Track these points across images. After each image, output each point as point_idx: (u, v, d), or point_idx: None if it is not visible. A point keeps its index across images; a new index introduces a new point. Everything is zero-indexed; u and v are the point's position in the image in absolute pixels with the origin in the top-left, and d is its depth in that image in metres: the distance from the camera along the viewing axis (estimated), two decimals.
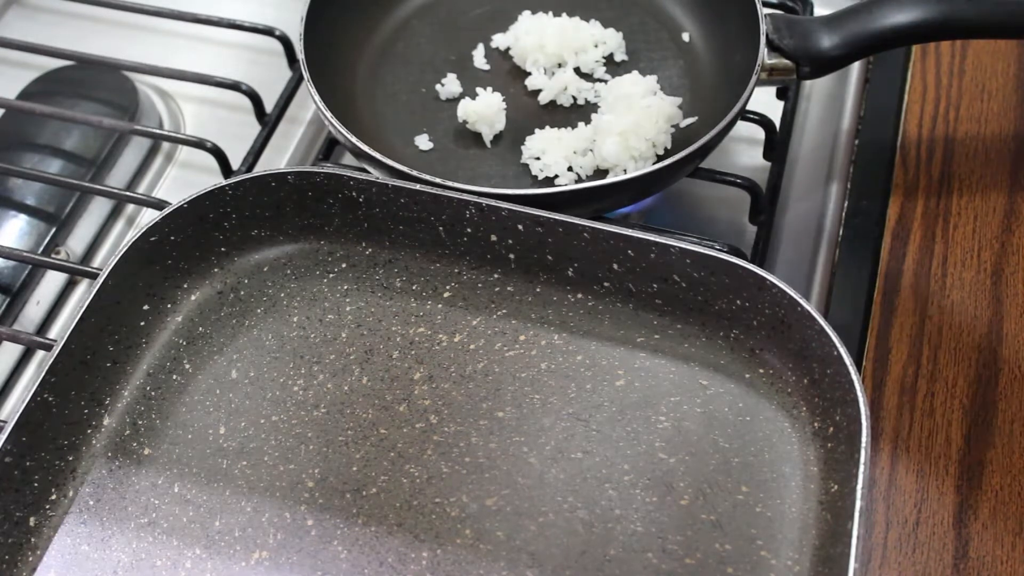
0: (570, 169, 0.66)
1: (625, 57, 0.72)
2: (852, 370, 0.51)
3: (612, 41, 0.72)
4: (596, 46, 0.72)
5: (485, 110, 0.68)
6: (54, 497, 0.54)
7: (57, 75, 0.78)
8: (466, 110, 0.68)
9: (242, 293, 0.61)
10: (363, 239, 0.62)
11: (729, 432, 0.55)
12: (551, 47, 0.70)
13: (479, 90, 0.70)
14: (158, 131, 0.74)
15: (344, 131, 0.63)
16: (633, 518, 0.52)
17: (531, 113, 0.70)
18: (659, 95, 0.68)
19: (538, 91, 0.70)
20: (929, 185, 0.68)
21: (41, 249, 0.69)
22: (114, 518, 0.54)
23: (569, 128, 0.68)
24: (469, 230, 0.59)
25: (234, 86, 0.73)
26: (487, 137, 0.68)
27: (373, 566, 0.52)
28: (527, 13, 0.73)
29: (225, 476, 0.55)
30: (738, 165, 0.74)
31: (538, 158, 0.67)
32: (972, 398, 0.59)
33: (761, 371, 0.56)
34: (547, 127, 0.68)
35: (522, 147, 0.68)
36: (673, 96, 0.68)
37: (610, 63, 0.72)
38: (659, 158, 0.65)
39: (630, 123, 0.65)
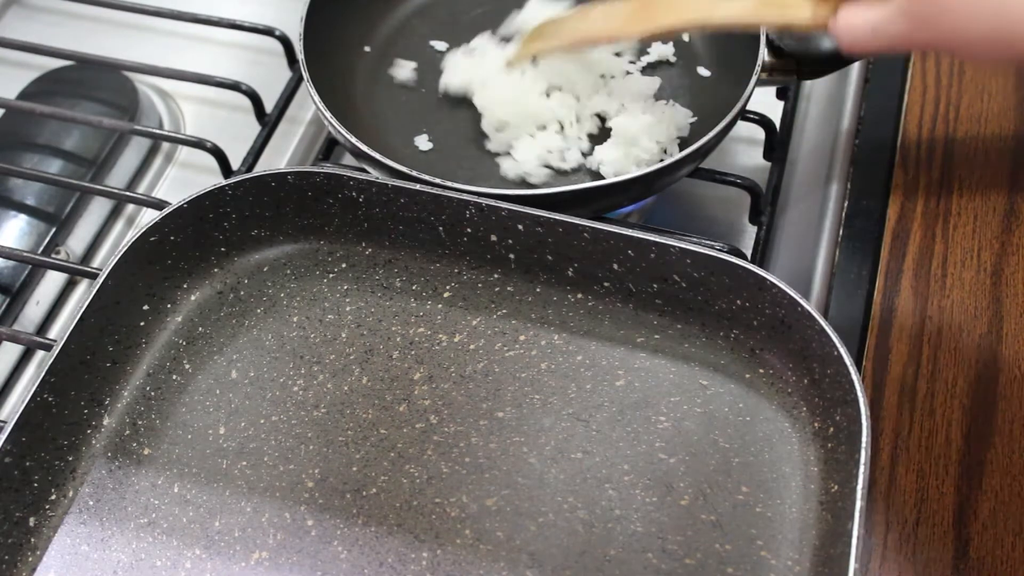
0: (548, 167, 0.66)
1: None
2: (852, 370, 0.51)
3: None
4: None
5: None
6: (54, 497, 0.54)
7: (57, 75, 0.78)
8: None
9: (242, 293, 0.61)
10: (363, 239, 0.62)
11: (729, 432, 0.55)
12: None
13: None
14: (158, 131, 0.74)
15: (344, 131, 0.63)
16: (633, 518, 0.52)
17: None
18: (672, 103, 0.68)
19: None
20: (929, 185, 0.68)
21: (41, 249, 0.69)
22: (114, 518, 0.54)
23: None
24: (469, 230, 0.59)
25: (234, 86, 0.73)
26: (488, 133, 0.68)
27: (373, 566, 0.52)
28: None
29: (225, 476, 0.55)
30: (738, 165, 0.74)
31: (508, 153, 0.66)
32: (972, 398, 0.59)
33: (761, 371, 0.56)
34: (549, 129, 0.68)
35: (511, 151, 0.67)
36: (684, 108, 0.68)
37: None
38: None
39: (643, 125, 0.65)
